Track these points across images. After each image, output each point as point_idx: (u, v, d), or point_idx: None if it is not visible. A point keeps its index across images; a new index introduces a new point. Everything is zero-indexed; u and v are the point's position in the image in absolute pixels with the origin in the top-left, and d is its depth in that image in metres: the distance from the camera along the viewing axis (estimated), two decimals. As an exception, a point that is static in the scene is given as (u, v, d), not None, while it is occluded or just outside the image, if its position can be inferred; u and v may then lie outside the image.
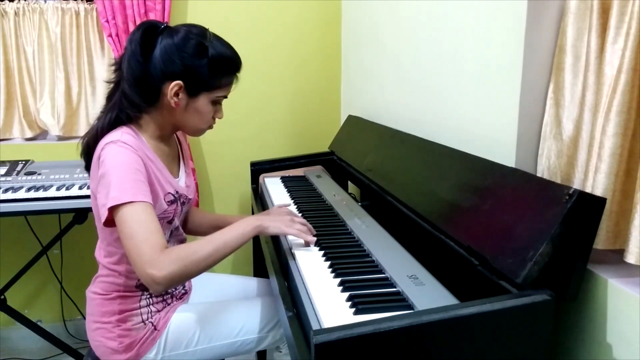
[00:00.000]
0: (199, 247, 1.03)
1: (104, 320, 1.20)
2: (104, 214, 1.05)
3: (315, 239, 1.15)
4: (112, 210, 1.03)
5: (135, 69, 1.12)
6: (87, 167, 1.19)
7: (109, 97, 1.18)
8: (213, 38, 1.17)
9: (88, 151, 1.17)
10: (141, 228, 1.01)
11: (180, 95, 1.14)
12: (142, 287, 1.22)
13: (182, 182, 1.28)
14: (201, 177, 2.36)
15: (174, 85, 1.12)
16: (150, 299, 1.23)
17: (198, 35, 1.14)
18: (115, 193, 1.02)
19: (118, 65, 1.16)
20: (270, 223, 1.12)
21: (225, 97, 1.22)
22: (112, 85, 1.18)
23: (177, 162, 1.31)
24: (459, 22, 1.24)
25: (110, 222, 1.06)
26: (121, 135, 1.10)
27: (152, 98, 1.15)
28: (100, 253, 1.23)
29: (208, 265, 1.04)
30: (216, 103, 1.21)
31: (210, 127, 1.25)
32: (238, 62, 1.20)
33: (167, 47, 1.12)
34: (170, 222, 1.23)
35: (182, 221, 1.33)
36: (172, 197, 1.21)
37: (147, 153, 1.14)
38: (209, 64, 1.13)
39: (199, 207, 2.28)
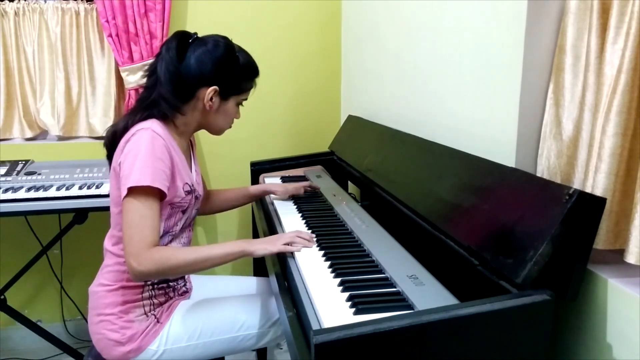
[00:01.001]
0: (181, 254, 1.12)
1: (106, 312, 1.21)
2: (123, 192, 1.11)
3: (300, 247, 1.16)
4: (128, 190, 1.10)
5: (173, 74, 1.20)
6: (109, 156, 1.25)
7: (142, 99, 1.24)
8: (237, 47, 1.28)
9: (113, 140, 1.23)
10: (140, 221, 1.09)
11: (214, 98, 1.25)
12: None
13: (194, 177, 1.34)
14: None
15: (210, 90, 1.23)
16: (153, 291, 1.25)
17: (227, 45, 1.25)
18: (137, 175, 1.10)
19: (152, 72, 1.23)
20: (257, 246, 1.17)
21: (246, 99, 1.34)
22: (145, 88, 1.25)
23: (189, 160, 1.36)
24: (459, 22, 1.24)
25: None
26: (151, 124, 1.18)
27: (186, 100, 1.24)
28: (109, 242, 1.26)
29: (186, 272, 1.16)
30: (238, 105, 1.33)
31: (230, 126, 1.36)
32: (258, 68, 1.32)
33: (202, 55, 1.22)
34: (184, 212, 1.27)
35: (194, 217, 1.36)
36: (189, 188, 1.26)
37: (172, 144, 1.21)
38: (240, 71, 1.27)
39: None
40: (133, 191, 1.10)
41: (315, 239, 1.21)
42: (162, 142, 1.16)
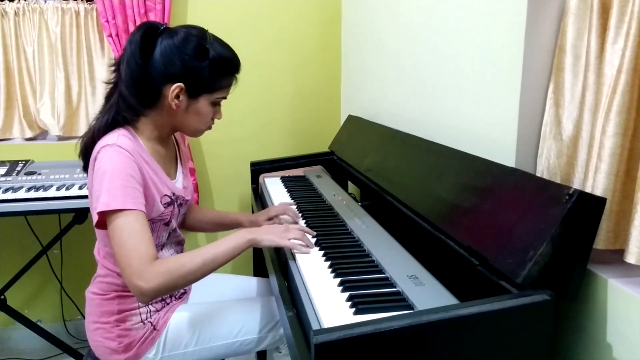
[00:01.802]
0: (187, 260, 1.04)
1: (103, 320, 1.19)
2: (95, 217, 1.06)
3: (309, 250, 1.13)
4: (104, 215, 1.04)
5: (134, 71, 1.11)
6: (86, 168, 1.19)
7: (108, 97, 1.18)
8: (213, 39, 1.16)
9: (86, 152, 1.17)
10: (131, 238, 1.01)
11: (181, 97, 1.14)
12: None
13: (179, 183, 1.28)
14: (201, 177, 2.36)
15: (175, 88, 1.12)
16: None
17: (198, 37, 1.13)
18: (105, 199, 1.03)
19: (117, 67, 1.15)
20: (263, 236, 1.11)
21: (225, 98, 1.22)
22: (111, 85, 1.18)
23: (175, 164, 1.31)
24: (459, 22, 1.24)
25: (102, 224, 1.07)
26: (117, 138, 1.09)
27: (151, 100, 1.15)
28: (99, 253, 1.23)
29: (197, 278, 1.06)
30: (216, 104, 1.21)
31: (209, 127, 1.25)
32: (237, 63, 1.20)
33: (167, 49, 1.11)
34: (167, 224, 1.23)
35: (180, 222, 1.33)
36: (169, 199, 1.21)
37: (143, 155, 1.14)
38: (209, 66, 1.13)
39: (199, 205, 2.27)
40: (109, 213, 1.03)
41: (315, 239, 1.21)
42: (128, 156, 1.07)
